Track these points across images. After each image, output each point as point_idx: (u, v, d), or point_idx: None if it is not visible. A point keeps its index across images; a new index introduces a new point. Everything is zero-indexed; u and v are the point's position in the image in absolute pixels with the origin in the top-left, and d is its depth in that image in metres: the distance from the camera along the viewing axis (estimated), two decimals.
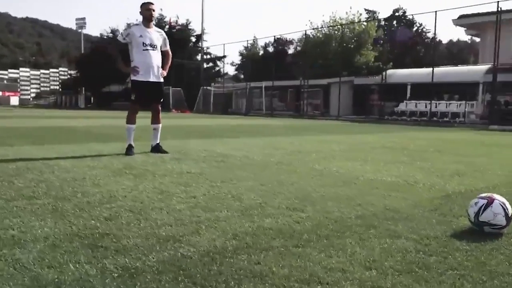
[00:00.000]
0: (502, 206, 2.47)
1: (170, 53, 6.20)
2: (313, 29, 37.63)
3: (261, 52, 46.54)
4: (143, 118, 6.42)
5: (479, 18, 26.19)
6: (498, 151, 7.87)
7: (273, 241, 2.26)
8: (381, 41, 36.24)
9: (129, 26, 6.01)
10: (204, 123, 16.51)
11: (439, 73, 22.20)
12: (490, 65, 21.66)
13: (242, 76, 51.43)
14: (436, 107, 22.91)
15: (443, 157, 6.51)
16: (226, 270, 1.84)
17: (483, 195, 2.59)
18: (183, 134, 9.85)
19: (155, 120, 6.12)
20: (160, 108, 6.15)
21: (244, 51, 45.54)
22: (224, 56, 44.95)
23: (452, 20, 28.11)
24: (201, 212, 2.80)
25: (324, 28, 38.04)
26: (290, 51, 46.64)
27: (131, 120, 5.92)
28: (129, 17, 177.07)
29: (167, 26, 45.24)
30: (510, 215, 2.47)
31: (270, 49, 45.32)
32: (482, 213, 2.47)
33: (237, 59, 51.29)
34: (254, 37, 67.17)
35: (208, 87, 40.06)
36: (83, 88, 51.44)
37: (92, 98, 51.57)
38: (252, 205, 3.04)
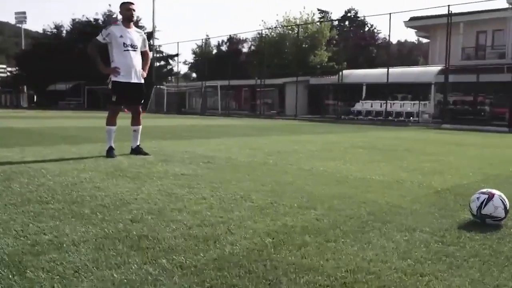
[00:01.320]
0: (501, 200, 2.78)
1: (149, 53, 6.24)
2: (268, 28, 38.11)
3: (215, 51, 46.55)
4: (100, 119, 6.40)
5: (429, 21, 27.61)
6: (461, 150, 8.45)
7: (304, 237, 2.44)
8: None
9: (107, 25, 5.96)
10: (164, 123, 16.39)
11: (393, 73, 23.21)
12: (442, 67, 22.91)
13: (194, 75, 51.21)
14: (391, 106, 23.94)
15: (415, 156, 6.95)
16: (279, 264, 2.01)
17: (483, 190, 2.89)
18: (151, 136, 9.80)
19: (135, 121, 6.13)
20: (140, 109, 6.17)
21: (197, 49, 45.33)
22: (177, 55, 44.59)
23: (404, 22, 29.43)
24: (220, 213, 2.93)
25: (278, 28, 38.62)
26: (244, 50, 46.99)
27: (111, 121, 5.90)
28: (75, 12, 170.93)
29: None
30: (508, 207, 2.79)
31: (224, 48, 45.43)
32: (484, 207, 2.77)
33: (190, 58, 50.97)
34: (207, 35, 66.97)
35: (161, 86, 39.60)
36: (25, 86, 49.22)
37: (35, 97, 49.44)
38: (264, 205, 3.20)
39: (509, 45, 23.64)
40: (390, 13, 22.83)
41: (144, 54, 6.07)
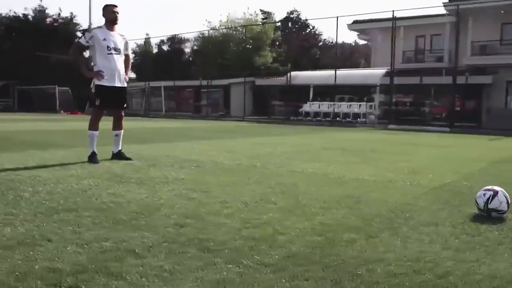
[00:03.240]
0: (504, 196, 3.21)
1: (130, 57, 6.27)
2: (212, 29, 38.21)
3: (155, 50, 45.87)
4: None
5: (371, 24, 29.01)
6: (419, 150, 9.12)
7: (348, 234, 2.71)
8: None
9: (88, 28, 5.92)
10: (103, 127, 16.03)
11: (340, 75, 24.19)
12: (386, 69, 24.20)
13: (134, 75, 50.08)
14: (338, 108, 24.93)
15: (384, 156, 7.46)
16: (345, 258, 2.26)
17: (487, 187, 3.32)
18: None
19: (117, 126, 6.14)
20: (123, 113, 6.18)
21: (137, 48, 44.46)
22: None
23: (347, 24, 30.68)
24: (254, 215, 3.13)
25: (222, 28, 38.83)
26: (187, 50, 46.71)
27: (94, 126, 5.88)
28: (1, 6, 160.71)
29: (48, 20, 42.48)
30: (510, 202, 3.23)
31: (165, 47, 44.91)
32: (490, 202, 3.19)
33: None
34: (147, 34, 65.77)
35: None
36: None
37: None
38: (288, 206, 3.44)
39: (446, 49, 25.40)
40: (337, 17, 23.81)
41: (125, 58, 6.08)
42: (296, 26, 48.05)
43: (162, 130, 14.14)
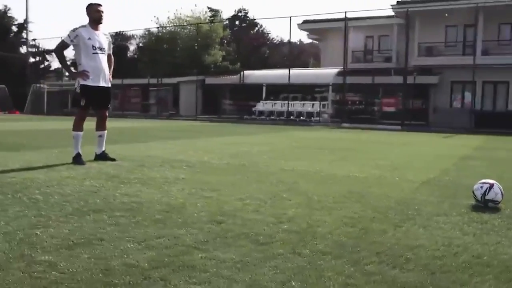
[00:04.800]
0: (499, 188, 3.64)
1: (112, 56, 6.27)
2: (161, 27, 37.75)
3: None
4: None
5: (322, 24, 29.90)
6: (387, 147, 9.68)
7: (378, 224, 3.00)
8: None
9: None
10: (62, 126, 15.63)
11: (294, 74, 24.78)
12: (339, 69, 25.08)
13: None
14: (292, 107, 25.52)
15: (358, 154, 7.90)
16: (389, 245, 2.54)
17: (483, 181, 3.73)
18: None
19: (101, 126, 6.14)
20: (107, 114, 6.19)
21: None
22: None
23: (297, 24, 31.38)
24: (279, 210, 3.35)
25: (170, 26, 38.46)
26: (132, 47, 45.82)
27: (79, 127, 5.85)
28: None
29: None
30: (503, 193, 3.66)
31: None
32: (487, 194, 3.60)
33: (71, 54, 47.95)
34: None
35: (41, 85, 36.98)
36: None
37: None
38: (303, 202, 3.68)
39: (394, 50, 26.67)
40: (290, 17, 24.37)
41: (109, 57, 6.09)
42: (244, 24, 48.43)
43: (121, 130, 13.94)
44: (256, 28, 50.66)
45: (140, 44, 43.35)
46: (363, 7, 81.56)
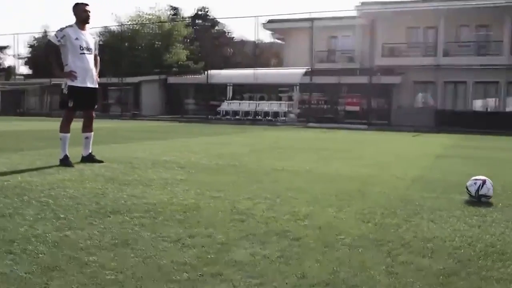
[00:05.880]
0: (490, 183, 3.95)
1: (98, 57, 6.26)
2: (121, 24, 37.15)
3: None
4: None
5: (286, 24, 30.31)
6: (363, 146, 10.04)
7: (387, 219, 3.22)
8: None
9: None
10: (23, 127, 15.25)
11: (260, 74, 25.03)
12: (306, 69, 25.55)
13: (27, 72, 46.95)
14: (258, 106, 25.77)
15: (338, 154, 8.20)
16: (409, 238, 2.76)
17: (476, 177, 4.03)
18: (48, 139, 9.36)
19: (88, 128, 6.12)
20: (94, 114, 6.18)
21: (35, 42, 41.75)
22: (5, 47, 40.55)
23: (262, 23, 31.68)
24: (293, 208, 3.52)
25: (130, 24, 37.91)
26: None
27: (66, 128, 5.81)
28: None
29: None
30: (493, 188, 3.98)
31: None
32: (481, 189, 3.90)
33: (25, 51, 46.41)
34: (46, 27, 61.65)
35: None
36: None
37: None
38: (310, 199, 3.87)
39: (358, 50, 27.39)
40: (257, 16, 24.57)
41: (95, 58, 6.08)
42: (205, 23, 48.30)
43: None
44: (217, 28, 50.62)
45: (100, 42, 42.46)
46: (327, 7, 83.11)
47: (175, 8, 48.19)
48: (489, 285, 2.08)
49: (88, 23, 5.90)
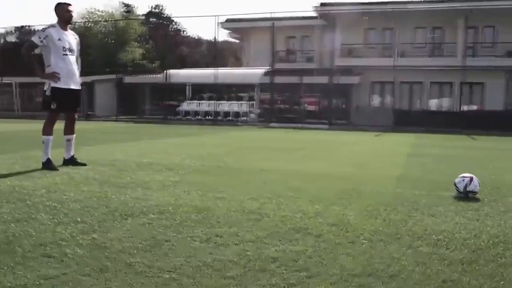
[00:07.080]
0: (477, 180, 4.30)
1: (79, 58, 6.23)
2: (73, 23, 36.13)
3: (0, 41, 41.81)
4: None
5: (245, 24, 30.53)
6: (334, 146, 10.39)
7: (392, 215, 3.47)
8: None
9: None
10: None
11: (220, 74, 25.13)
12: (266, 69, 25.85)
13: None
14: (218, 107, 25.86)
15: (314, 153, 8.49)
16: (419, 232, 3.02)
17: (464, 175, 4.38)
18: (17, 143, 9.15)
19: (70, 130, 6.09)
20: (76, 116, 6.15)
21: None
22: None
23: (220, 23, 31.74)
24: (300, 207, 3.71)
25: (81, 22, 37.00)
26: None
27: (49, 131, 5.77)
28: None
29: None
30: (480, 184, 4.34)
31: (13, 38, 41.21)
32: (469, 186, 4.25)
33: None
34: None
35: None
36: None
37: None
38: (312, 198, 4.07)
39: (316, 50, 28.00)
40: (217, 15, 24.67)
41: (76, 59, 6.06)
42: (160, 21, 47.77)
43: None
44: (171, 26, 50.17)
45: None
46: (285, 7, 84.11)
47: (127, 5, 47.45)
48: (508, 270, 2.36)
49: (71, 23, 5.88)
